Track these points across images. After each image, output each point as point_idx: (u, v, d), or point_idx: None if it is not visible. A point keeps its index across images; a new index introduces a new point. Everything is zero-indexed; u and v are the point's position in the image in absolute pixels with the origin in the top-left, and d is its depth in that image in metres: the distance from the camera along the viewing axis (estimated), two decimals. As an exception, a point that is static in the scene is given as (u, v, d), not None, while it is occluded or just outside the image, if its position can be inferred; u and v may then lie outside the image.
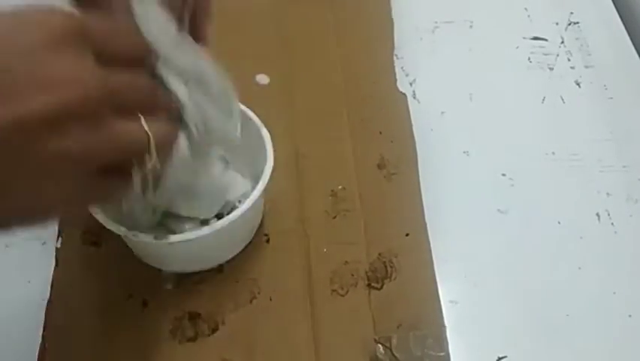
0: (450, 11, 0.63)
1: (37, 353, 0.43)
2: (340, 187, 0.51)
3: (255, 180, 0.43)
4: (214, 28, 0.38)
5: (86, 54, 0.26)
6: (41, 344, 0.43)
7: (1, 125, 0.24)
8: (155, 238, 0.39)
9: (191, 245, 0.40)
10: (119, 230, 0.39)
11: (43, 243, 0.47)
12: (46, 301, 0.45)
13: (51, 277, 0.46)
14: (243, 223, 0.44)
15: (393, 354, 0.42)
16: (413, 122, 0.55)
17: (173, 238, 0.39)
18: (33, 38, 0.25)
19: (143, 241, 0.40)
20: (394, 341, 0.42)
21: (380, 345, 0.42)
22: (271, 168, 0.43)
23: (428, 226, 0.49)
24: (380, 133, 0.54)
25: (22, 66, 0.25)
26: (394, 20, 0.62)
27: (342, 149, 0.53)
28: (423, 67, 0.58)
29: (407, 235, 0.48)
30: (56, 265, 0.46)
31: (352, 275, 0.47)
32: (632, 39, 0.61)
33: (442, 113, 0.56)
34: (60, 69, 0.25)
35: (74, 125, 0.26)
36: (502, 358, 0.44)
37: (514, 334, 0.45)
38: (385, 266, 0.47)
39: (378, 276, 0.47)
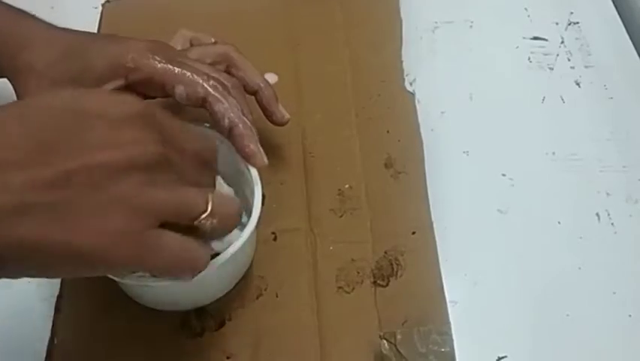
0: (450, 11, 0.63)
1: (42, 353, 0.43)
2: (347, 186, 0.51)
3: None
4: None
5: (152, 131, 0.31)
6: (50, 338, 0.44)
7: (73, 169, 0.28)
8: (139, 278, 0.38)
9: (173, 287, 0.39)
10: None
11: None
12: (46, 302, 0.45)
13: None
14: (231, 266, 0.42)
15: (397, 350, 0.42)
16: (413, 122, 0.55)
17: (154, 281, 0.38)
18: (116, 111, 0.31)
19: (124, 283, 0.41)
20: (399, 337, 0.42)
21: (385, 341, 0.42)
22: (259, 211, 0.41)
23: (428, 225, 0.49)
24: (387, 132, 0.54)
25: (97, 128, 0.30)
26: (396, 20, 0.62)
27: (350, 148, 0.53)
28: (423, 67, 0.58)
29: (413, 233, 0.49)
30: None
31: (358, 273, 0.47)
32: (632, 39, 0.61)
33: (442, 113, 0.56)
34: (128, 134, 0.30)
35: (134, 175, 0.30)
36: (502, 358, 0.44)
37: (514, 334, 0.45)
38: (391, 264, 0.47)
39: (384, 274, 0.47)
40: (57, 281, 0.46)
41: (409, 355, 0.42)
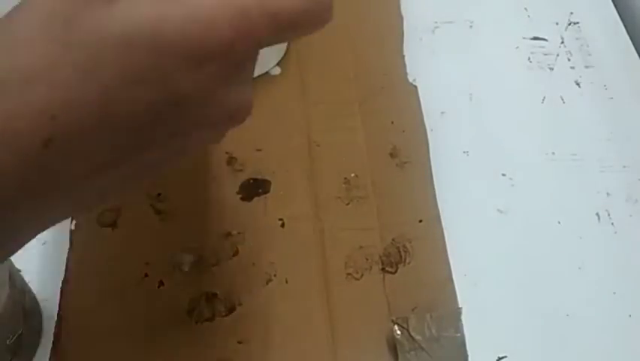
0: (450, 11, 0.63)
1: (43, 354, 0.43)
2: (353, 175, 0.51)
3: None
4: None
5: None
6: (56, 323, 0.44)
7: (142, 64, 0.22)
8: None
9: None
10: None
11: (44, 243, 0.47)
12: (45, 303, 0.45)
13: (51, 277, 0.46)
14: None
15: (410, 335, 0.42)
16: (413, 122, 0.55)
17: None
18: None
19: None
20: (412, 322, 0.42)
21: (397, 326, 0.43)
22: None
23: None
24: (392, 123, 0.54)
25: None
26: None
27: (355, 138, 0.54)
28: (423, 67, 0.58)
29: (420, 221, 0.49)
30: (70, 246, 0.47)
31: (367, 260, 0.47)
32: (632, 39, 0.61)
33: (442, 113, 0.56)
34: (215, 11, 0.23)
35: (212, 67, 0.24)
36: (502, 358, 0.44)
37: (515, 334, 0.45)
38: (399, 251, 0.47)
39: (393, 261, 0.47)
40: (57, 282, 0.46)
41: (421, 340, 0.42)
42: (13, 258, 0.44)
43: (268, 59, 0.57)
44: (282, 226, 0.49)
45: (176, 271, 0.46)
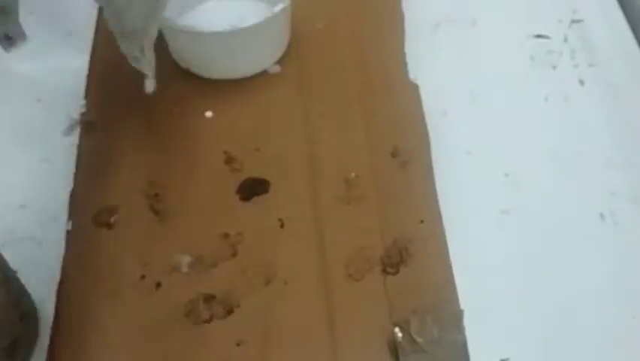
0: (452, 9, 0.63)
1: (43, 354, 0.43)
2: (353, 175, 0.51)
3: None
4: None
5: None
6: (53, 325, 0.43)
7: None
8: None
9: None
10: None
11: (39, 243, 0.47)
12: (41, 304, 0.44)
13: (47, 277, 0.45)
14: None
15: (411, 337, 0.42)
16: (414, 121, 0.54)
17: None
18: None
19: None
20: (413, 324, 0.42)
21: (398, 328, 0.42)
22: None
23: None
24: (393, 122, 0.54)
25: None
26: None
27: (355, 137, 0.53)
28: (424, 66, 0.58)
29: (422, 221, 0.48)
30: (67, 247, 0.46)
31: (367, 261, 0.47)
32: (636, 37, 0.61)
33: (444, 112, 0.55)
34: None
35: None
36: (505, 360, 0.43)
37: (517, 335, 0.44)
38: (400, 252, 0.47)
39: (394, 262, 0.46)
40: (53, 283, 0.45)
41: (423, 342, 0.42)
42: (9, 259, 0.44)
43: (267, 57, 0.57)
44: (282, 226, 0.48)
45: (173, 272, 0.46)
